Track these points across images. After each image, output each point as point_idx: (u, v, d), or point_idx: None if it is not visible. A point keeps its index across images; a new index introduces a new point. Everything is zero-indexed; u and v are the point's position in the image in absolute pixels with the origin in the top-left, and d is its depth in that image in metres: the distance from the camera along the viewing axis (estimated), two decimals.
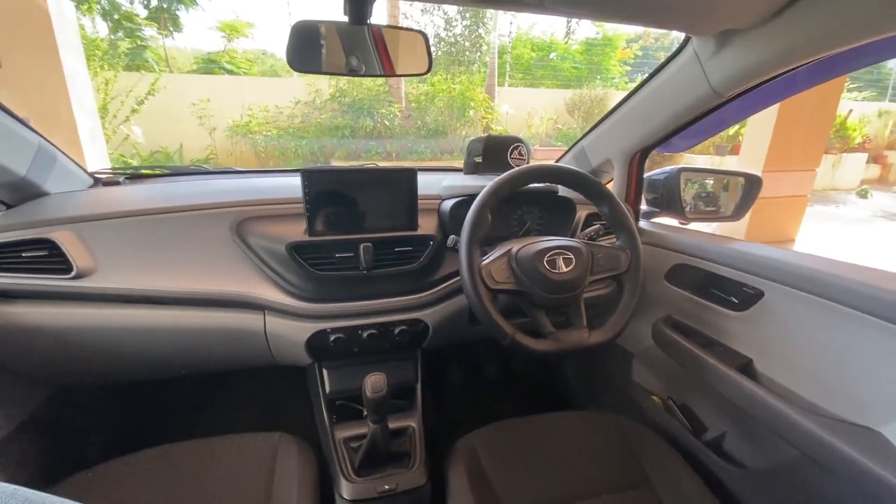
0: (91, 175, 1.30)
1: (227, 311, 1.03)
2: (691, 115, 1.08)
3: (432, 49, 0.87)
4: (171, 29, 11.22)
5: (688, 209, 1.45)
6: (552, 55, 13.04)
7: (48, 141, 1.11)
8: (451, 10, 11.92)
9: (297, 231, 1.04)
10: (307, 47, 0.76)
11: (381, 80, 8.94)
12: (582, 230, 1.28)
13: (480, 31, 11.59)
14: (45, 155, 1.09)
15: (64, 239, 0.94)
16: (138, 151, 6.12)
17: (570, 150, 1.56)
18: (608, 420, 1.15)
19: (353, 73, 0.80)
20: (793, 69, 0.88)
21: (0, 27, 2.60)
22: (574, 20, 9.77)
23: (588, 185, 1.04)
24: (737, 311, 1.06)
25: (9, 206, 1.07)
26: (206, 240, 1.04)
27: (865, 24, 0.69)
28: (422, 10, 11.51)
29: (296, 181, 1.01)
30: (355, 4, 0.75)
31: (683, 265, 1.23)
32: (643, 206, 1.51)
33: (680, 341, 1.18)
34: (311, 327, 1.06)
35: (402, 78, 8.96)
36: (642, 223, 1.44)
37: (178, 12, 11.00)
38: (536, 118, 9.44)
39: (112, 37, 9.30)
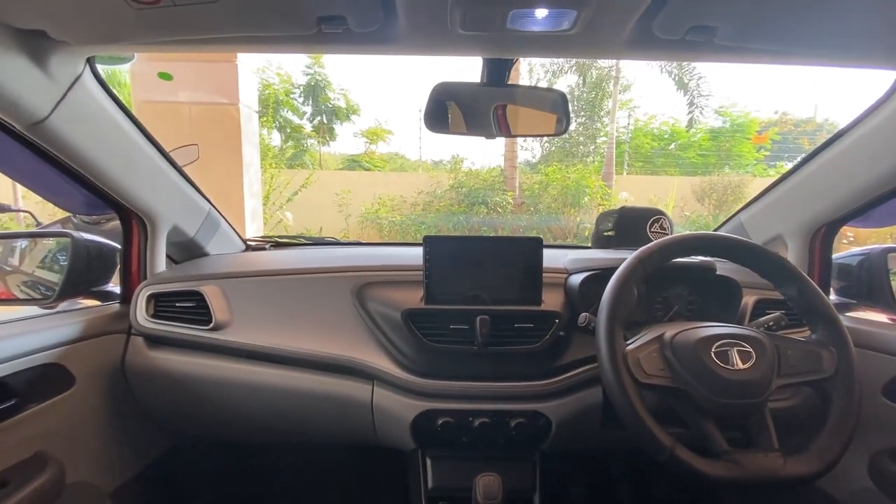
0: (244, 241, 1.46)
1: (339, 378, 1.00)
2: None
3: (546, 144, 0.83)
4: (328, 138, 13.69)
5: None
6: (672, 145, 12.64)
7: (216, 208, 1.28)
8: None
9: (414, 299, 0.99)
10: (443, 110, 0.76)
11: (496, 172, 9.51)
12: (751, 319, 1.02)
13: (597, 124, 11.87)
14: (211, 221, 1.25)
15: (210, 292, 1.03)
16: (288, 233, 7.18)
17: (722, 226, 1.34)
18: None
19: (485, 134, 0.78)
20: None
21: (203, 128, 3.42)
22: (699, 109, 9.46)
23: (766, 260, 0.82)
24: None
25: (176, 263, 1.23)
26: (329, 302, 1.05)
27: None
28: None
29: (417, 251, 0.99)
30: (494, 68, 0.74)
31: None
32: (831, 296, 1.19)
33: None
34: (419, 406, 0.96)
35: (517, 167, 9.42)
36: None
37: (333, 125, 13.44)
38: (660, 205, 8.91)
39: (283, 145, 11.64)
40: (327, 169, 11.88)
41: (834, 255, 1.17)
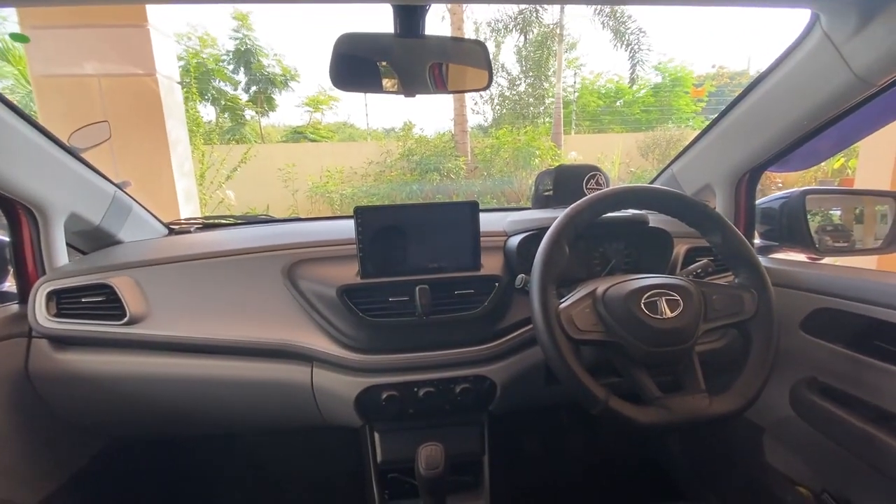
0: (166, 225, 1.34)
1: (275, 363, 0.95)
2: (827, 114, 0.85)
3: (497, 107, 0.78)
4: (266, 108, 12.87)
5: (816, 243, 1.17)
6: (618, 102, 12.89)
7: (124, 192, 1.15)
8: (515, 69, 12.41)
9: (349, 274, 0.95)
10: (352, 64, 0.69)
11: (447, 137, 9.34)
12: (683, 268, 1.05)
13: (545, 85, 11.86)
14: (119, 205, 1.13)
15: (121, 284, 0.93)
16: (231, 213, 6.80)
17: (656, 178, 1.36)
18: None
19: (402, 91, 0.72)
20: None
21: (118, 104, 3.12)
22: (640, 64, 9.62)
23: (691, 208, 0.84)
24: None
25: (84, 254, 1.11)
26: (258, 284, 0.98)
27: None
28: None
29: (351, 223, 0.94)
30: (405, 16, 0.67)
31: (828, 310, 0.95)
32: (756, 240, 1.25)
33: (837, 412, 0.89)
34: (362, 382, 0.94)
35: (468, 132, 9.31)
36: (760, 259, 1.17)
37: (272, 94, 12.63)
38: (607, 163, 9.17)
39: (219, 118, 10.85)
40: (270, 142, 11.24)
41: (759, 200, 1.22)
